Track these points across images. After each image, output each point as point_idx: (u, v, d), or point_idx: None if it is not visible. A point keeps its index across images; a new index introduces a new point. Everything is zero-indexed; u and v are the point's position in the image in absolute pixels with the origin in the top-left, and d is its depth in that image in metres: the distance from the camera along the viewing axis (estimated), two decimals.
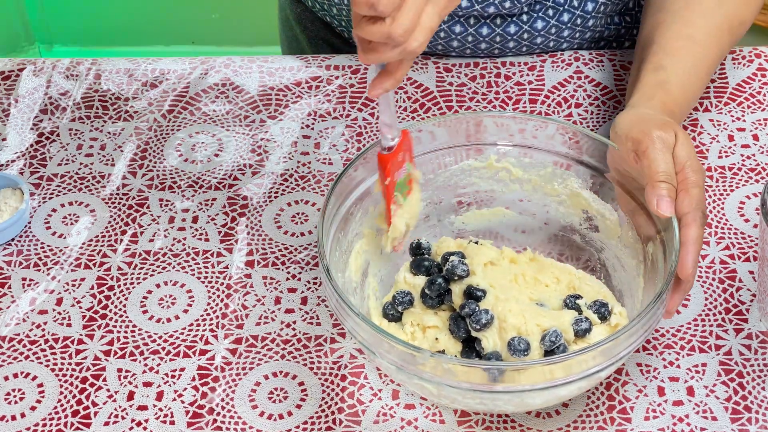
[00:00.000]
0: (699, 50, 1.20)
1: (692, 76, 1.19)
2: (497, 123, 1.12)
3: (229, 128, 1.30)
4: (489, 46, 1.33)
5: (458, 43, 1.33)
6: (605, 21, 1.37)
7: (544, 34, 1.33)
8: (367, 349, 0.98)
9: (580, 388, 0.99)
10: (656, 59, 1.19)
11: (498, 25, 1.32)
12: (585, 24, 1.34)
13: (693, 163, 1.05)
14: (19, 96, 1.34)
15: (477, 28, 1.32)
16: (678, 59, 1.18)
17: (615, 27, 1.38)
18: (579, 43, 1.37)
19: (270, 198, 1.23)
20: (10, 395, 1.07)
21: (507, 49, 1.34)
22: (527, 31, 1.32)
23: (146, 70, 1.37)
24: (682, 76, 1.18)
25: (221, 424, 1.04)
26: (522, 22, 1.32)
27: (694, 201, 1.02)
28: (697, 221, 1.02)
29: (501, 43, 1.33)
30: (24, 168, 1.26)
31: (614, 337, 0.94)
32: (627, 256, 1.09)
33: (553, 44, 1.35)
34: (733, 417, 1.03)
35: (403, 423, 1.04)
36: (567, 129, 1.11)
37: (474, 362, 0.98)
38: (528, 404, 0.99)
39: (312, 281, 1.15)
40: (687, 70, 1.18)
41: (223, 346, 1.10)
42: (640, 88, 1.16)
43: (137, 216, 1.21)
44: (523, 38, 1.33)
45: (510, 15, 1.31)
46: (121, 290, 1.15)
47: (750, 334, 1.09)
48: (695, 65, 1.19)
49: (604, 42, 1.39)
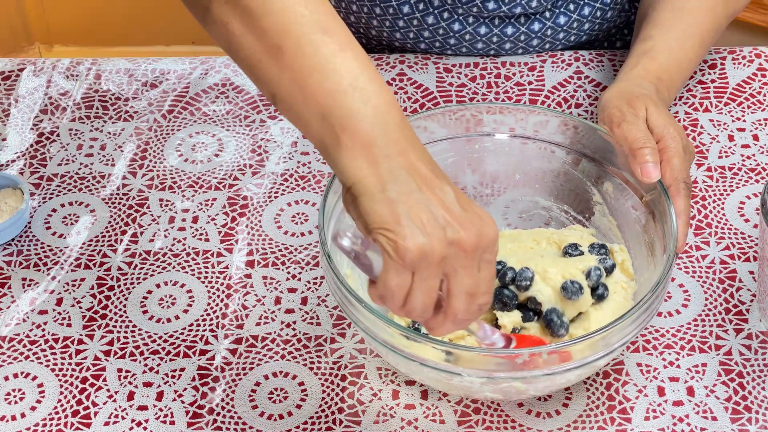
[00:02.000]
0: (689, 19, 1.21)
1: (681, 42, 1.20)
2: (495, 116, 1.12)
3: (229, 128, 1.30)
4: (485, 46, 1.34)
5: (455, 41, 1.33)
6: (619, 10, 1.37)
7: (566, 29, 1.33)
8: (368, 336, 0.98)
9: (579, 376, 0.98)
10: (645, 31, 1.21)
11: (522, 23, 1.32)
12: (604, 16, 1.35)
13: (670, 130, 1.06)
14: (19, 96, 1.34)
15: (475, 27, 1.32)
16: (666, 28, 1.20)
17: (626, 14, 1.39)
18: (597, 35, 1.38)
19: (270, 198, 1.23)
20: (10, 395, 1.07)
21: (530, 47, 1.35)
22: (551, 27, 1.33)
23: (146, 70, 1.37)
24: (669, 43, 1.19)
25: (221, 424, 1.04)
26: (545, 19, 1.32)
27: (675, 171, 1.04)
28: (681, 192, 1.03)
29: (497, 44, 1.33)
30: (24, 168, 1.26)
31: (613, 325, 0.94)
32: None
33: (574, 38, 1.36)
34: (733, 417, 1.03)
35: (403, 423, 1.04)
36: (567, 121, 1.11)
37: (475, 348, 0.98)
38: (527, 391, 0.99)
39: (312, 281, 1.15)
40: (676, 37, 1.19)
41: (223, 346, 1.10)
42: (627, 60, 1.19)
43: (137, 216, 1.21)
44: (546, 35, 1.33)
45: (534, 13, 1.31)
46: (121, 290, 1.15)
47: (750, 334, 1.09)
48: (685, 32, 1.20)
49: (615, 29, 1.41)
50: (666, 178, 1.04)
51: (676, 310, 1.11)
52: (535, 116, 1.11)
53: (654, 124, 1.07)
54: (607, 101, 1.12)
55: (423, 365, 0.96)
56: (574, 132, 1.11)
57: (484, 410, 1.04)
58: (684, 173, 1.05)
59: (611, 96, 1.13)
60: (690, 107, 1.29)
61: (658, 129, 1.07)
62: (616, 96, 1.12)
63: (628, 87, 1.14)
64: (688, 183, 1.05)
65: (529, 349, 0.96)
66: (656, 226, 1.04)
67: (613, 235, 1.11)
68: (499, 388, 0.98)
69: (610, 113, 1.09)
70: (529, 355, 0.94)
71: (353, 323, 0.99)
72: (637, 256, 1.08)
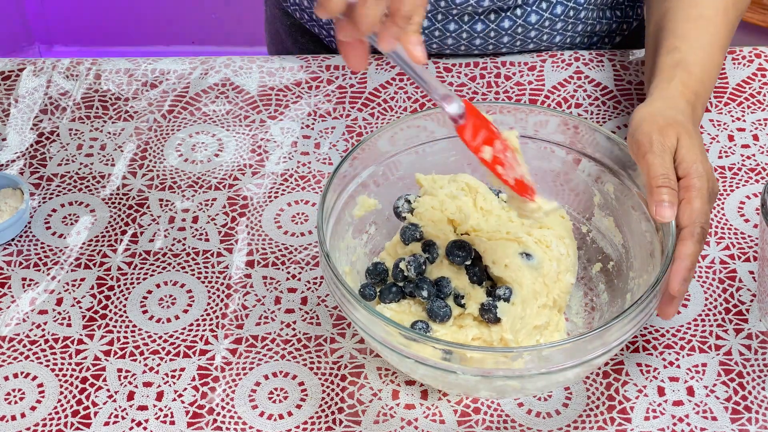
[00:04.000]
0: (711, 27, 1.18)
1: (709, 53, 1.16)
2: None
3: (229, 128, 1.30)
4: (483, 41, 1.34)
5: (453, 40, 1.33)
6: (597, 14, 1.37)
7: (537, 27, 1.33)
8: (367, 335, 0.98)
9: (578, 375, 0.98)
10: (668, 43, 1.16)
11: (492, 20, 1.32)
12: (577, 16, 1.34)
13: (698, 168, 1.01)
14: (19, 96, 1.34)
15: (471, 24, 1.32)
16: (693, 39, 1.16)
17: (607, 21, 1.39)
18: (572, 36, 1.37)
19: (270, 198, 1.23)
20: (10, 395, 1.07)
21: (501, 45, 1.34)
22: (521, 26, 1.32)
23: (146, 70, 1.37)
24: (699, 54, 1.15)
25: (221, 424, 1.04)
26: (516, 17, 1.32)
27: (695, 214, 0.99)
28: (695, 237, 0.98)
29: (495, 38, 1.33)
30: (24, 168, 1.26)
31: (609, 324, 0.95)
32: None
33: (547, 37, 1.35)
34: (733, 417, 1.03)
35: (403, 423, 1.04)
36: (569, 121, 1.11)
37: (472, 347, 0.98)
38: (525, 390, 0.99)
39: (312, 281, 1.15)
40: (703, 47, 1.15)
41: (223, 346, 1.10)
42: (658, 73, 1.13)
43: (137, 216, 1.21)
44: (517, 32, 1.33)
45: (503, 9, 1.31)
46: (121, 290, 1.15)
47: (750, 334, 1.09)
48: (710, 42, 1.17)
49: (596, 37, 1.39)
50: (684, 218, 0.99)
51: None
52: (534, 116, 1.11)
53: (683, 158, 1.02)
54: (640, 122, 1.05)
55: (420, 363, 0.97)
56: (574, 132, 1.11)
57: (484, 410, 1.04)
58: (703, 217, 0.99)
59: (645, 116, 1.06)
60: None
61: (685, 164, 1.01)
62: (649, 118, 1.05)
63: (664, 108, 1.07)
64: (705, 228, 0.99)
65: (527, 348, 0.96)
66: (656, 228, 1.04)
67: (612, 236, 1.11)
68: (495, 386, 0.98)
69: (639, 140, 1.03)
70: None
71: (352, 323, 0.99)
72: (637, 256, 1.07)
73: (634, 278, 1.07)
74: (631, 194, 1.08)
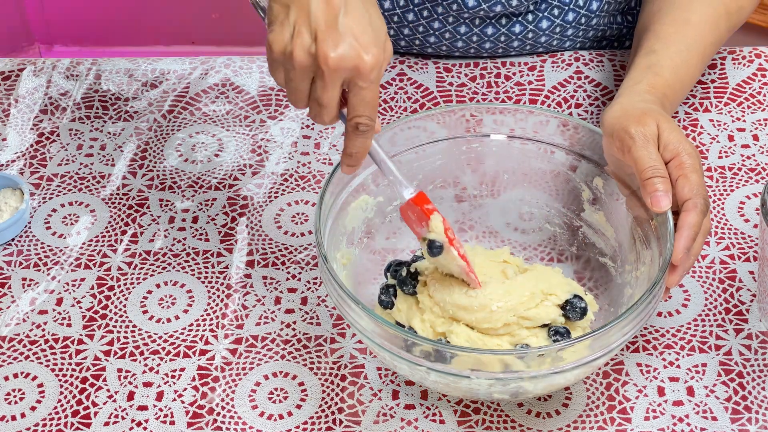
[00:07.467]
0: (693, 33, 1.19)
1: (685, 58, 1.17)
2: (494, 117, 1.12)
3: (229, 128, 1.30)
4: (494, 45, 1.34)
5: (463, 43, 1.33)
6: (608, 20, 1.37)
7: (548, 33, 1.33)
8: (366, 338, 0.98)
9: (578, 376, 0.99)
10: (648, 44, 1.18)
11: (503, 25, 1.32)
12: (589, 23, 1.34)
13: (686, 146, 1.03)
14: (19, 96, 1.34)
15: (482, 28, 1.32)
16: (670, 42, 1.17)
17: (617, 26, 1.38)
18: (582, 42, 1.37)
19: (270, 198, 1.23)
20: (10, 395, 1.07)
21: (511, 49, 1.34)
22: (532, 31, 1.32)
23: (146, 70, 1.37)
24: (674, 59, 1.16)
25: (221, 424, 1.04)
26: (527, 22, 1.32)
27: (694, 186, 1.01)
28: (698, 207, 1.00)
29: (505, 42, 1.33)
30: (24, 168, 1.26)
31: (609, 326, 0.95)
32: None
33: (557, 43, 1.35)
34: (733, 417, 1.03)
35: (403, 423, 1.04)
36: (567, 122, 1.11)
37: (474, 349, 0.98)
38: (526, 391, 0.99)
39: (312, 281, 1.15)
40: (679, 51, 1.17)
41: (223, 346, 1.10)
42: (629, 73, 1.15)
43: (137, 216, 1.21)
44: (527, 37, 1.33)
45: (515, 14, 1.31)
46: (121, 290, 1.15)
47: (750, 334, 1.09)
48: (688, 47, 1.18)
49: (606, 42, 1.39)
50: (684, 192, 1.00)
51: (676, 310, 1.11)
52: (534, 117, 1.11)
53: (668, 140, 1.03)
54: (613, 121, 1.06)
55: (418, 365, 0.97)
56: (573, 133, 1.11)
57: (484, 410, 1.04)
58: (702, 189, 1.01)
59: (616, 115, 1.06)
60: (690, 107, 1.30)
61: (672, 146, 1.03)
62: (622, 113, 1.06)
63: (633, 102, 1.09)
64: (706, 200, 1.01)
65: (527, 349, 0.96)
66: (652, 224, 1.04)
67: (610, 236, 1.11)
68: (492, 387, 0.98)
69: (619, 137, 1.04)
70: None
71: (350, 324, 0.99)
72: (630, 249, 1.08)
73: (630, 281, 1.07)
74: (622, 187, 1.08)
